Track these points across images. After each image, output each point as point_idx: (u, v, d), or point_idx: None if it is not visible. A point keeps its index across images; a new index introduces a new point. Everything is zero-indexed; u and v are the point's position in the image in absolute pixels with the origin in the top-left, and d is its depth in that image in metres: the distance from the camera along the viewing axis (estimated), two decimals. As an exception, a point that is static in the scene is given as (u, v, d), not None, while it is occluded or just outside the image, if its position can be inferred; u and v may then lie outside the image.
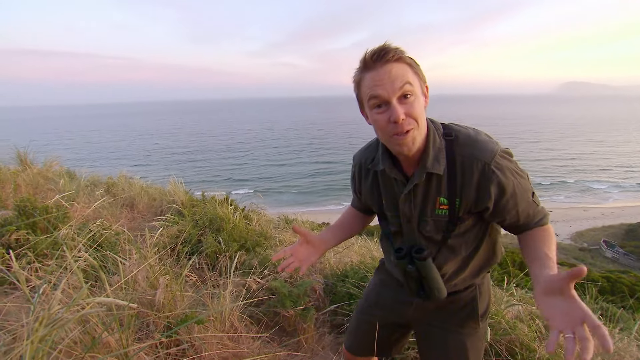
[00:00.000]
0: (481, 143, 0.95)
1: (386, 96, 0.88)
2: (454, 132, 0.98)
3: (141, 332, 1.37)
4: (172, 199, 4.33)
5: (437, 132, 0.98)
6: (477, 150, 0.93)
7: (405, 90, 0.87)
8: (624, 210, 27.87)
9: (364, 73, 0.91)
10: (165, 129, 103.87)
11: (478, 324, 1.14)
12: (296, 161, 48.09)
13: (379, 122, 0.92)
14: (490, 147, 0.93)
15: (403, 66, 0.88)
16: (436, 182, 0.97)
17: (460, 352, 1.13)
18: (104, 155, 56.06)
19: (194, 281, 2.17)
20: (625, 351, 1.99)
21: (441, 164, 0.95)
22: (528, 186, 0.98)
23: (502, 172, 0.93)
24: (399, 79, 0.87)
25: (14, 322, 1.02)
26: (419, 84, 0.92)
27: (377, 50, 0.88)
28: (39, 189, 3.94)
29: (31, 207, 2.29)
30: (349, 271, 2.51)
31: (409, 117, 0.89)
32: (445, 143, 0.97)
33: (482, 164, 0.92)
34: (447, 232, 1.02)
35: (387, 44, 0.89)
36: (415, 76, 0.91)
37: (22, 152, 4.87)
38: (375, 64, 0.88)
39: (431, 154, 0.95)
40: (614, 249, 20.60)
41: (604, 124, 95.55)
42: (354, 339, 1.37)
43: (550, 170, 40.85)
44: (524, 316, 2.09)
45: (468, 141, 0.96)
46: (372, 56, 0.88)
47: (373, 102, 0.90)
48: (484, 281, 1.17)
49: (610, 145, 57.77)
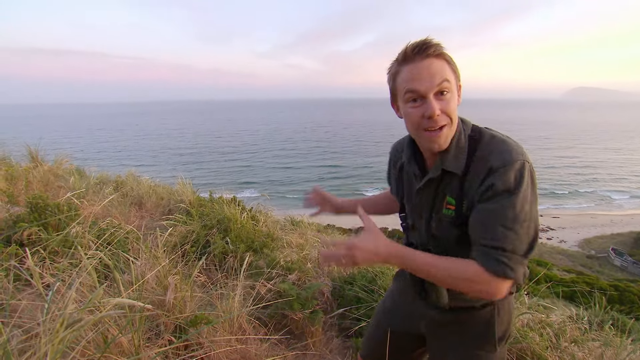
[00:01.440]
0: (501, 148, 0.89)
1: (423, 91, 0.87)
2: (481, 134, 0.95)
3: (151, 332, 1.37)
4: (180, 199, 4.35)
5: (465, 132, 0.96)
6: (494, 154, 0.88)
7: (443, 87, 0.87)
8: (633, 218, 27.45)
9: (402, 65, 0.90)
10: (173, 129, 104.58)
11: (495, 347, 1.06)
12: (303, 164, 47.90)
13: (412, 116, 0.90)
14: (509, 155, 0.86)
15: (443, 62, 0.88)
16: (449, 180, 0.96)
17: None
18: (111, 154, 56.57)
19: (202, 282, 2.18)
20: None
21: (459, 163, 0.93)
22: (519, 218, 0.83)
23: (506, 177, 0.84)
24: (438, 74, 0.86)
25: (28, 320, 1.03)
26: (455, 82, 0.91)
27: (419, 43, 0.87)
28: (49, 186, 3.98)
29: (43, 204, 2.31)
30: (357, 275, 2.50)
31: (444, 113, 0.88)
32: (468, 143, 0.95)
33: (489, 166, 0.87)
34: (451, 234, 0.98)
35: (429, 39, 0.88)
36: (453, 74, 0.90)
37: (33, 149, 4.93)
38: (415, 57, 0.87)
39: (452, 152, 0.93)
40: (623, 257, 20.27)
41: (616, 131, 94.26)
42: (368, 347, 1.34)
43: (561, 178, 40.35)
44: (534, 324, 2.06)
45: (490, 144, 0.91)
46: (413, 49, 0.87)
47: (409, 95, 0.89)
48: (505, 302, 1.06)
49: (625, 152, 56.94)
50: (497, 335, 1.05)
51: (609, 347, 2.04)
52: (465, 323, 1.08)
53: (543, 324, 2.03)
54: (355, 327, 2.07)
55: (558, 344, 1.86)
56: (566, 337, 1.96)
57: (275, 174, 42.71)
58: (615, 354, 1.97)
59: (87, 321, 0.79)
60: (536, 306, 2.46)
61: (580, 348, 1.90)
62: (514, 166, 0.84)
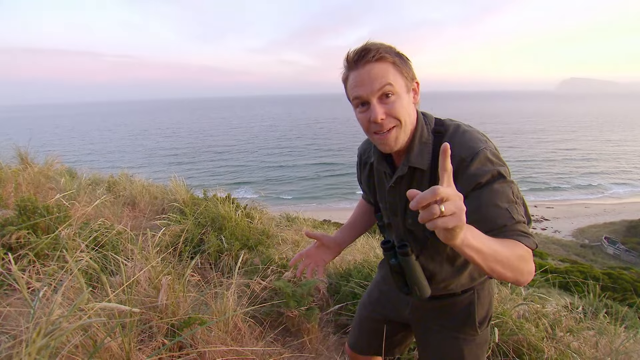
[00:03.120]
0: (466, 139, 0.91)
1: (366, 96, 0.89)
2: (445, 127, 0.98)
3: (144, 334, 1.35)
4: (173, 198, 4.31)
5: (428, 127, 0.98)
6: (460, 146, 0.90)
7: (386, 90, 0.88)
8: (625, 207, 27.80)
9: (348, 72, 0.93)
10: (166, 128, 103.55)
11: (476, 330, 1.11)
12: (299, 162, 47.22)
13: (361, 120, 0.94)
14: (473, 144, 0.89)
15: (384, 66, 0.88)
16: (419, 176, 0.98)
17: (455, 358, 1.11)
18: (103, 154, 55.94)
19: (196, 281, 2.15)
20: (633, 350, 1.97)
21: (425, 158, 0.95)
22: (506, 192, 0.86)
23: (475, 170, 0.87)
24: (379, 79, 0.87)
25: (14, 326, 1.00)
26: (404, 82, 0.91)
27: (359, 50, 0.89)
28: (39, 188, 3.92)
29: (32, 206, 2.26)
30: (353, 270, 2.49)
31: (390, 116, 0.90)
32: (433, 138, 0.97)
33: (459, 159, 0.88)
34: (426, 230, 0.94)
35: (369, 43, 0.89)
36: (399, 75, 0.90)
37: (22, 150, 4.84)
38: (357, 64, 0.89)
39: (416, 149, 0.96)
40: (616, 245, 20.56)
41: (612, 122, 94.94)
42: (356, 337, 1.38)
43: (558, 170, 40.55)
44: (530, 315, 2.07)
45: (454, 136, 0.94)
46: (354, 56, 0.89)
47: (356, 101, 0.92)
48: (484, 286, 1.13)
49: (620, 144, 57.32)
50: (478, 319, 1.10)
51: (603, 335, 2.06)
52: (448, 309, 1.13)
53: (539, 315, 2.04)
54: (352, 323, 2.06)
55: (554, 334, 1.87)
56: (562, 327, 1.97)
57: (270, 173, 42.11)
58: (609, 342, 1.99)
59: (68, 329, 0.77)
60: (532, 297, 2.47)
61: (575, 337, 1.91)
62: (482, 153, 0.88)
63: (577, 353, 1.72)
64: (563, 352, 1.71)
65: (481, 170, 0.86)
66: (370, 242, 4.01)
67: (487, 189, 0.86)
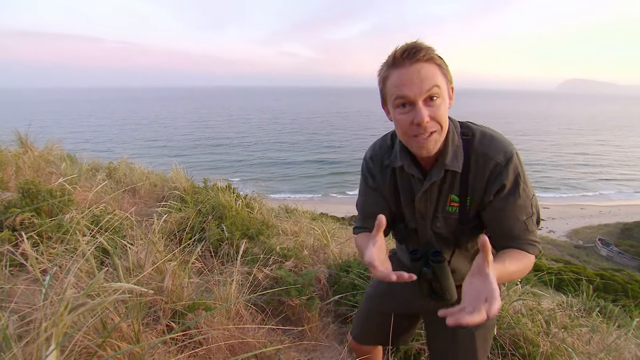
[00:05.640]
0: (496, 143, 0.95)
1: (412, 97, 0.86)
2: (472, 131, 0.99)
3: (149, 317, 1.37)
4: (174, 186, 4.32)
5: (456, 130, 0.98)
6: (492, 150, 0.94)
7: (433, 92, 0.86)
8: (620, 209, 28.00)
9: (391, 69, 0.89)
10: (166, 116, 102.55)
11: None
12: (299, 158, 45.98)
13: (401, 122, 0.90)
14: (505, 148, 0.94)
15: (433, 67, 0.87)
16: (451, 179, 0.98)
17: (468, 342, 1.14)
18: (101, 140, 55.41)
19: (198, 268, 2.18)
20: (624, 347, 2.02)
21: (459, 161, 0.96)
22: (526, 205, 0.94)
23: (510, 173, 0.92)
24: (428, 80, 0.85)
25: (25, 306, 1.01)
26: (446, 86, 0.90)
27: (409, 47, 0.86)
28: (40, 172, 3.91)
29: (35, 189, 2.27)
30: (353, 262, 2.52)
31: (433, 120, 0.88)
32: (462, 142, 0.97)
33: (494, 163, 0.93)
34: (458, 231, 1.02)
35: (419, 42, 0.87)
36: (444, 78, 0.89)
37: (22, 134, 4.82)
38: (405, 62, 0.86)
39: (450, 152, 0.96)
40: (609, 247, 20.74)
41: (615, 124, 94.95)
42: (361, 329, 1.38)
43: (552, 170, 40.65)
44: (526, 311, 2.11)
45: (484, 140, 0.96)
46: (402, 53, 0.86)
47: (398, 101, 0.89)
48: None
49: (616, 146, 57.38)
50: None
51: (596, 332, 2.11)
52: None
53: (535, 311, 2.08)
54: (351, 313, 2.09)
55: (549, 329, 1.91)
56: (556, 323, 2.01)
57: (271, 169, 41.29)
58: (602, 339, 2.05)
59: (93, 305, 0.78)
60: (527, 294, 2.51)
61: (569, 334, 1.95)
62: (513, 158, 0.93)
63: (571, 348, 1.76)
64: (558, 347, 1.75)
65: (512, 173, 0.92)
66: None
67: (512, 198, 0.93)
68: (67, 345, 0.86)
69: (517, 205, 0.93)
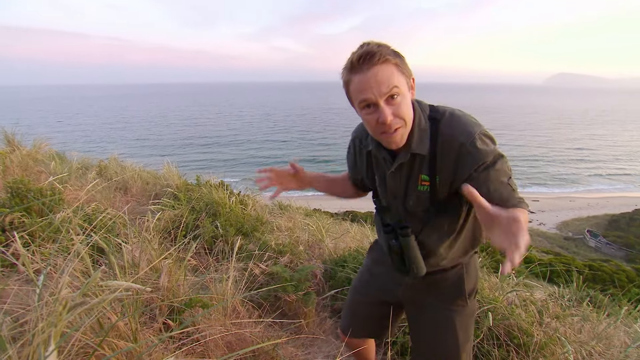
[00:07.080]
0: (462, 124, 0.99)
1: (374, 99, 0.92)
2: (439, 113, 1.03)
3: (145, 315, 1.36)
4: (166, 183, 4.27)
5: (424, 114, 1.03)
6: (457, 130, 0.98)
7: (392, 92, 0.92)
8: (608, 201, 28.55)
9: (351, 75, 0.94)
10: (157, 114, 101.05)
11: (466, 301, 1.19)
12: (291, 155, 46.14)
13: (368, 121, 0.97)
14: (470, 129, 0.97)
15: (389, 67, 0.91)
16: (419, 160, 1.03)
17: (448, 328, 1.18)
18: (90, 139, 54.44)
19: (193, 265, 2.16)
20: (614, 335, 2.07)
21: (424, 144, 1.01)
22: (504, 169, 0.98)
23: (477, 151, 0.96)
24: (385, 82, 0.91)
25: (18, 307, 1.00)
26: (405, 81, 0.95)
27: (364, 53, 0.90)
28: (28, 171, 3.84)
29: (24, 189, 2.23)
30: (348, 257, 2.53)
31: (397, 117, 0.94)
32: (430, 124, 1.02)
33: (459, 143, 0.96)
34: (429, 209, 1.07)
35: (373, 45, 0.91)
36: (402, 75, 0.94)
37: (9, 132, 4.72)
38: (362, 67, 0.91)
39: (416, 136, 1.01)
40: (597, 238, 21.16)
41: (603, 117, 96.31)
42: (349, 321, 1.41)
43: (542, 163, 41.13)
44: (520, 302, 2.14)
45: (450, 122, 1.01)
46: (359, 59, 0.91)
47: (362, 104, 0.95)
48: (471, 261, 1.23)
49: (605, 138, 58.24)
50: (467, 291, 1.20)
51: (587, 321, 2.15)
52: (439, 284, 1.20)
53: (528, 302, 2.11)
54: (344, 308, 2.10)
55: (542, 319, 1.94)
56: (549, 313, 2.05)
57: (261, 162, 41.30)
58: (593, 328, 2.10)
59: (92, 304, 0.77)
60: (520, 285, 2.55)
61: (562, 323, 1.99)
62: (480, 136, 0.97)
63: (564, 337, 1.79)
64: (551, 336, 1.78)
65: (484, 151, 0.95)
66: (364, 230, 4.06)
67: (493, 169, 0.95)
68: (65, 346, 0.85)
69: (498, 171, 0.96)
